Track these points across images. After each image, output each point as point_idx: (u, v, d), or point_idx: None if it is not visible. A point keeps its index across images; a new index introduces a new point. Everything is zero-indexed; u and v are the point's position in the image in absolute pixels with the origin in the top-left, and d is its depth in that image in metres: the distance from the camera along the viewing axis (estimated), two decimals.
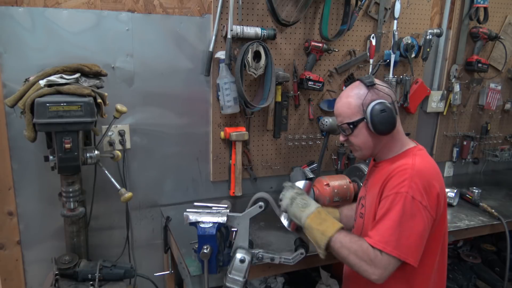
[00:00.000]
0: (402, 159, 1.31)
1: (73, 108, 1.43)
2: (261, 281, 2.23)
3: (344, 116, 1.36)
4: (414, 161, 1.27)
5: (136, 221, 2.05)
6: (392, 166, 1.30)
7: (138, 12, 1.84)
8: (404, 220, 1.19)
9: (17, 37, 1.67)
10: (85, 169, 1.76)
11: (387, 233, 1.20)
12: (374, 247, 1.20)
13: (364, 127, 1.33)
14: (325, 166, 2.37)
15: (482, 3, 2.45)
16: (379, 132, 1.30)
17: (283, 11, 2.02)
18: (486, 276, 2.44)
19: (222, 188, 2.19)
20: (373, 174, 1.42)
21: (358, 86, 1.35)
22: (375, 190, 1.33)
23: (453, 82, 2.56)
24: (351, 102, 1.33)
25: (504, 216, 2.02)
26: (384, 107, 1.28)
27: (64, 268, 1.56)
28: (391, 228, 1.20)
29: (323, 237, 1.27)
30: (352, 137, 1.37)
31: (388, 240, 1.19)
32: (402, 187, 1.21)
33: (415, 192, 1.20)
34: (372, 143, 1.35)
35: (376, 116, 1.28)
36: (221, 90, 1.98)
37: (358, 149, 1.39)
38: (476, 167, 2.90)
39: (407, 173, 1.23)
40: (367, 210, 1.38)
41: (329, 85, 2.28)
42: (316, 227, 1.30)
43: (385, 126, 1.29)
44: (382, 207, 1.25)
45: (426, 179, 1.23)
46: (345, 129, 1.37)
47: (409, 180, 1.21)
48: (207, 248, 1.32)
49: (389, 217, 1.21)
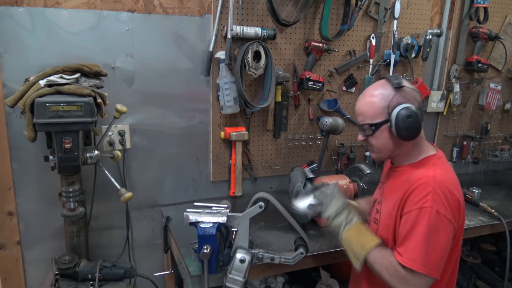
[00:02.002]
0: (422, 169, 1.28)
1: (73, 108, 1.43)
2: (261, 281, 2.23)
3: (366, 115, 1.30)
4: (435, 172, 1.24)
5: (136, 221, 2.05)
6: (412, 177, 1.27)
7: (138, 12, 1.84)
8: (430, 236, 1.18)
9: (17, 37, 1.67)
10: (85, 169, 1.76)
11: (415, 250, 1.19)
12: (405, 266, 1.20)
13: (386, 129, 1.28)
14: (325, 166, 2.37)
15: (482, 3, 2.45)
16: (402, 138, 1.26)
17: (283, 11, 2.02)
18: (486, 276, 2.44)
19: (222, 188, 2.19)
20: (391, 178, 1.39)
21: (384, 86, 1.29)
22: (393, 199, 1.31)
23: (453, 82, 2.56)
24: (375, 102, 1.28)
25: (504, 216, 2.02)
26: (411, 112, 1.23)
27: (64, 268, 1.56)
28: (419, 244, 1.19)
29: (363, 250, 1.27)
30: (372, 138, 1.32)
31: (416, 258, 1.18)
32: (426, 201, 1.19)
33: (439, 206, 1.18)
34: (392, 147, 1.31)
35: (402, 121, 1.23)
36: (221, 90, 1.98)
37: (377, 151, 1.36)
38: (476, 167, 2.90)
39: (430, 186, 1.20)
40: (382, 218, 1.36)
41: (329, 85, 2.28)
42: (356, 240, 1.29)
43: (410, 132, 1.25)
44: (406, 223, 1.23)
45: (449, 191, 1.21)
46: (366, 129, 1.32)
47: (432, 194, 1.19)
48: (207, 248, 1.32)
49: (416, 234, 1.19)
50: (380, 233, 1.35)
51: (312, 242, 1.50)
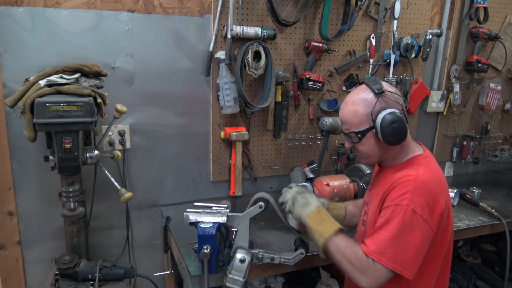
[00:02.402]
0: (406, 169, 1.28)
1: (73, 108, 1.43)
2: (261, 281, 2.23)
3: (351, 124, 1.31)
4: (417, 172, 1.24)
5: (136, 221, 2.05)
6: (396, 176, 1.27)
7: (138, 12, 1.84)
8: (402, 233, 1.17)
9: (17, 37, 1.67)
10: (85, 169, 1.76)
11: (383, 245, 1.18)
12: (368, 256, 1.19)
13: (372, 135, 1.29)
14: (325, 166, 2.37)
15: (482, 3, 2.45)
16: (389, 143, 1.26)
17: (283, 11, 2.02)
18: (486, 276, 2.44)
19: (222, 188, 2.19)
20: (378, 180, 1.40)
21: (365, 92, 1.29)
22: (377, 198, 1.31)
23: (453, 82, 2.56)
24: (358, 110, 1.28)
25: (504, 216, 2.02)
26: (396, 118, 1.22)
27: (64, 268, 1.56)
28: (388, 240, 1.18)
29: (321, 239, 1.27)
30: (360, 145, 1.33)
31: (383, 252, 1.18)
32: (403, 199, 1.19)
33: (416, 205, 1.18)
34: (380, 151, 1.32)
35: (387, 127, 1.23)
36: (221, 90, 1.98)
37: (366, 156, 1.36)
38: (476, 167, 2.90)
39: (410, 185, 1.20)
40: (369, 218, 1.37)
41: (329, 85, 2.28)
42: (315, 228, 1.29)
43: (396, 137, 1.24)
44: (381, 217, 1.23)
45: (429, 192, 1.20)
46: (352, 137, 1.33)
47: (410, 193, 1.19)
48: (207, 248, 1.32)
49: (387, 229, 1.19)
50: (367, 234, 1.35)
51: (312, 242, 1.50)
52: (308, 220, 1.31)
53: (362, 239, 1.37)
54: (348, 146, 1.39)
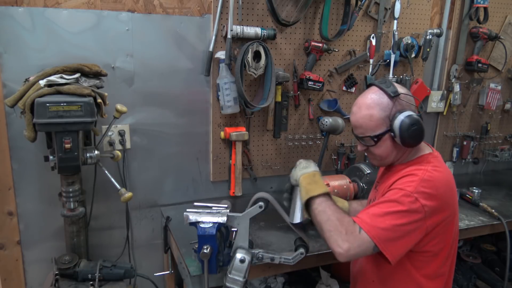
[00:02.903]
0: (416, 165, 1.28)
1: (73, 108, 1.43)
2: (261, 281, 2.23)
3: (366, 128, 1.29)
4: (427, 167, 1.24)
5: (136, 221, 2.05)
6: (405, 170, 1.27)
7: (138, 12, 1.84)
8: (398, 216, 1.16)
9: (17, 37, 1.67)
10: (85, 169, 1.76)
11: (373, 218, 1.16)
12: (356, 224, 1.17)
13: (389, 138, 1.28)
14: (325, 166, 2.37)
15: (482, 3, 2.45)
16: (408, 146, 1.26)
17: (283, 11, 2.02)
18: (486, 276, 2.44)
19: (222, 188, 2.19)
20: (385, 177, 1.40)
21: (378, 94, 1.27)
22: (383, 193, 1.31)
23: (453, 82, 2.56)
24: (374, 114, 1.27)
25: (504, 216, 2.02)
26: (414, 121, 1.22)
27: (64, 268, 1.56)
28: (380, 215, 1.16)
29: (306, 196, 1.25)
30: (375, 148, 1.32)
31: (370, 224, 1.16)
32: (409, 186, 1.19)
33: (420, 195, 1.17)
34: (395, 153, 1.32)
35: (406, 131, 1.22)
36: (221, 90, 1.98)
37: (380, 158, 1.36)
38: (476, 167, 2.90)
39: (418, 176, 1.21)
40: None
41: (329, 85, 2.28)
42: (305, 186, 1.28)
43: (415, 140, 1.24)
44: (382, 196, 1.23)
45: (436, 188, 1.20)
46: (367, 141, 1.32)
47: (417, 182, 1.19)
48: (207, 248, 1.32)
49: (383, 206, 1.18)
50: None
51: (312, 242, 1.50)
52: (301, 178, 1.30)
53: None
54: (361, 149, 1.37)
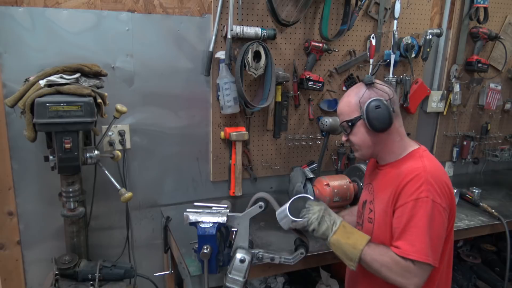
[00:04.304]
0: (410, 162, 1.31)
1: (73, 108, 1.43)
2: (261, 281, 2.23)
3: (344, 114, 1.39)
4: (424, 163, 1.27)
5: (136, 221, 2.05)
6: (401, 171, 1.29)
7: (138, 12, 1.84)
8: (430, 226, 1.20)
9: (17, 37, 1.67)
10: (85, 169, 1.76)
11: (417, 242, 1.20)
12: (406, 258, 1.20)
13: (362, 125, 1.35)
14: (325, 166, 2.37)
15: (482, 3, 2.45)
16: (374, 128, 1.31)
17: (283, 11, 2.02)
18: (486, 276, 2.44)
19: (222, 188, 2.19)
20: (378, 177, 1.41)
21: (359, 86, 1.39)
22: (385, 195, 1.32)
23: (453, 82, 2.56)
24: (351, 100, 1.37)
25: (504, 216, 2.02)
26: (379, 103, 1.30)
27: (64, 268, 1.56)
28: (421, 235, 1.19)
29: (355, 251, 1.26)
30: (352, 136, 1.39)
31: (419, 249, 1.19)
32: (421, 192, 1.21)
33: (435, 196, 1.21)
34: (370, 142, 1.36)
35: (371, 112, 1.30)
36: (221, 90, 1.98)
37: (358, 148, 1.40)
38: (476, 167, 2.90)
39: (422, 177, 1.23)
40: (376, 216, 1.37)
41: (329, 85, 2.28)
42: (345, 241, 1.28)
43: (380, 122, 1.30)
44: (401, 215, 1.24)
45: (440, 180, 1.24)
46: (345, 128, 1.40)
47: (426, 184, 1.21)
48: (207, 248, 1.32)
49: (415, 225, 1.20)
50: (376, 231, 1.36)
51: (312, 242, 1.50)
52: (335, 237, 1.29)
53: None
54: (344, 139, 1.44)
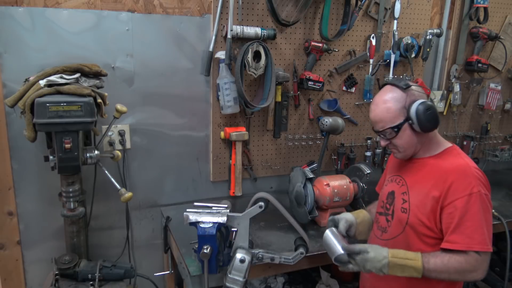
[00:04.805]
0: (451, 159, 1.38)
1: (73, 108, 1.43)
2: (261, 281, 2.23)
3: (386, 121, 1.38)
4: (465, 160, 1.36)
5: (136, 221, 2.05)
6: (445, 167, 1.35)
7: (138, 12, 1.84)
8: (485, 217, 1.28)
9: (17, 37, 1.67)
10: (85, 169, 1.76)
11: (477, 234, 1.27)
12: (470, 251, 1.27)
13: (408, 128, 1.37)
14: (325, 166, 2.37)
15: (482, 3, 2.45)
16: (426, 130, 1.35)
17: (283, 11, 2.02)
18: (486, 276, 2.43)
19: (222, 188, 2.19)
20: (412, 170, 1.46)
21: (392, 90, 1.39)
22: (425, 187, 1.37)
23: (453, 82, 2.56)
24: (390, 107, 1.37)
25: (504, 216, 2.02)
26: (428, 106, 1.33)
27: (64, 268, 1.56)
28: (479, 227, 1.27)
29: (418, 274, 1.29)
30: (396, 140, 1.41)
31: (481, 240, 1.27)
32: (473, 187, 1.28)
33: (484, 189, 1.30)
34: (416, 142, 1.40)
35: (422, 115, 1.32)
36: (221, 90, 1.98)
37: (402, 150, 1.43)
38: None
39: (470, 173, 1.31)
40: (412, 206, 1.39)
41: (329, 85, 2.28)
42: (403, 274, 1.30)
43: (432, 123, 1.34)
44: (455, 210, 1.29)
45: (483, 175, 1.33)
46: (388, 134, 1.40)
47: (475, 179, 1.30)
48: (207, 248, 1.32)
49: (471, 218, 1.27)
50: (412, 221, 1.38)
51: (312, 242, 1.50)
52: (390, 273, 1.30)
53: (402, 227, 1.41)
54: (383, 144, 1.45)
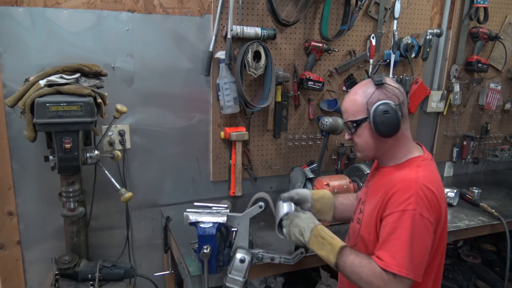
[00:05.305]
0: (405, 170, 1.26)
1: (73, 108, 1.43)
2: (261, 281, 2.23)
3: (349, 113, 1.32)
4: (417, 174, 1.22)
5: (136, 221, 2.05)
6: (395, 177, 1.25)
7: (138, 12, 1.84)
8: (414, 240, 1.15)
9: (17, 37, 1.67)
10: (85, 169, 1.76)
11: (399, 255, 1.15)
12: (388, 271, 1.16)
13: (367, 127, 1.29)
14: (325, 166, 2.37)
15: (482, 3, 2.45)
16: (381, 134, 1.26)
17: (283, 11, 2.02)
18: (486, 276, 2.44)
19: (222, 188, 2.19)
20: (375, 178, 1.39)
21: (367, 84, 1.31)
22: (375, 199, 1.29)
23: (453, 82, 2.56)
24: (357, 99, 1.29)
25: (504, 216, 2.02)
26: (388, 108, 1.23)
27: (64, 268, 1.56)
28: (403, 249, 1.15)
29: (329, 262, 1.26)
30: (356, 136, 1.33)
31: (401, 263, 1.15)
32: (409, 204, 1.16)
33: (423, 209, 1.16)
34: (374, 145, 1.31)
35: (378, 116, 1.23)
36: (221, 90, 1.98)
37: (361, 149, 1.35)
38: (476, 167, 2.90)
39: (412, 188, 1.18)
40: (365, 218, 1.34)
41: (329, 85, 2.28)
42: (319, 253, 1.28)
43: (387, 128, 1.24)
44: (387, 224, 1.20)
45: (431, 194, 1.18)
46: (350, 127, 1.34)
47: (415, 196, 1.16)
48: (207, 248, 1.32)
49: (398, 237, 1.16)
50: (362, 234, 1.33)
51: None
52: (311, 247, 1.31)
53: (355, 237, 1.36)
54: (347, 138, 1.39)
